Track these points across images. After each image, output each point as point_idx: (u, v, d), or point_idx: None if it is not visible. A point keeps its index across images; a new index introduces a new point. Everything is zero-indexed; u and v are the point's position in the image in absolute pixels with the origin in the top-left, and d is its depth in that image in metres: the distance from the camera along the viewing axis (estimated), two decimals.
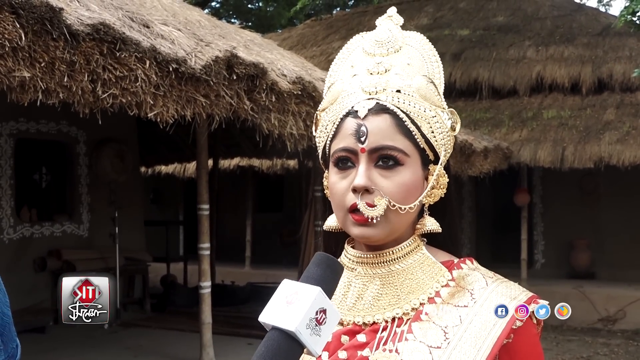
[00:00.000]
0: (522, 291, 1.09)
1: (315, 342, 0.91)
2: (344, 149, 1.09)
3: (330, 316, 0.93)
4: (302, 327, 0.90)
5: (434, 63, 1.16)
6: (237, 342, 7.10)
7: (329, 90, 1.18)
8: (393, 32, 1.16)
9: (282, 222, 12.94)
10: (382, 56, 1.13)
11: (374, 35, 1.17)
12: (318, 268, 0.98)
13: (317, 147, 1.19)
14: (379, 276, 1.12)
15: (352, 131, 1.08)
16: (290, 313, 0.91)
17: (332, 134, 1.12)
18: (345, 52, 1.20)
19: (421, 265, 1.12)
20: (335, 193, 1.10)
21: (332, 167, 1.12)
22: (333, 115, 1.13)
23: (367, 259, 1.13)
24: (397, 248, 1.12)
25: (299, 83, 5.44)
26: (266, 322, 0.93)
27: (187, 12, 6.50)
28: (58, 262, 8.44)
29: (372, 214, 1.06)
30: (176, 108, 4.54)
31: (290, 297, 0.93)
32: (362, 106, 1.09)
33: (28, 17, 3.55)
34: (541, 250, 11.53)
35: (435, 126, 1.11)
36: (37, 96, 3.78)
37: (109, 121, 4.98)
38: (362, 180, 1.06)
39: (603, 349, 8.28)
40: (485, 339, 1.03)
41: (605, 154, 9.32)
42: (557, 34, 11.98)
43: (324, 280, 0.96)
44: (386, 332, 1.07)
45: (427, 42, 1.18)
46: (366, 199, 1.06)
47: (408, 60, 1.13)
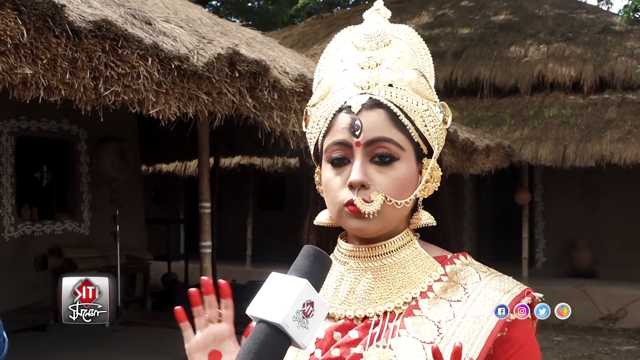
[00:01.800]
0: (515, 284, 1.08)
1: (303, 335, 0.91)
2: (339, 142, 1.08)
3: (318, 309, 0.92)
4: (289, 319, 0.89)
5: (424, 56, 1.15)
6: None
7: (318, 85, 1.16)
8: (382, 25, 1.15)
9: (283, 221, 12.94)
10: (372, 50, 1.12)
11: (363, 29, 1.15)
12: (306, 261, 0.97)
13: (309, 143, 1.18)
14: (371, 270, 1.11)
15: (346, 125, 1.07)
16: (277, 305, 0.91)
17: (324, 129, 1.11)
18: (334, 46, 1.19)
19: (414, 260, 1.11)
20: (331, 189, 1.09)
21: (325, 164, 1.11)
22: (325, 111, 1.12)
23: (360, 252, 1.12)
24: (390, 242, 1.11)
25: (301, 81, 5.43)
26: (253, 315, 0.93)
27: (188, 10, 6.49)
28: (59, 260, 8.44)
29: (368, 210, 1.05)
30: (178, 105, 4.53)
31: (278, 290, 0.93)
32: (355, 101, 1.08)
33: (30, 13, 3.54)
34: (542, 249, 11.52)
35: (428, 120, 1.10)
36: (38, 93, 3.77)
37: (110, 119, 4.97)
38: (358, 176, 1.05)
39: (604, 348, 8.27)
40: (478, 333, 1.02)
41: (607, 152, 9.31)
42: (558, 32, 11.98)
43: (312, 273, 0.95)
44: (378, 327, 1.07)
45: (415, 35, 1.17)
46: (362, 194, 1.05)
47: (398, 54, 1.12)
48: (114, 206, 8.55)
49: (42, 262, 8.48)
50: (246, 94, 4.97)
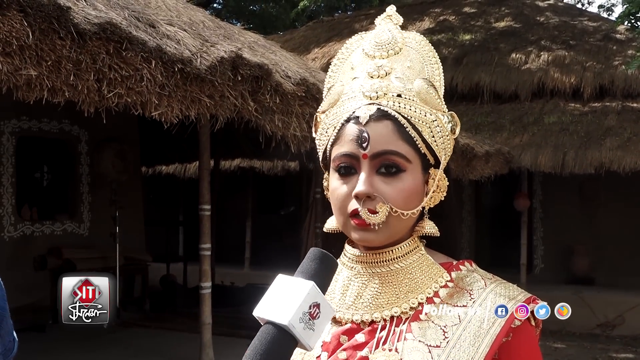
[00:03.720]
0: (520, 292, 1.10)
1: (309, 337, 0.92)
2: (346, 154, 1.09)
3: (324, 311, 0.94)
4: (296, 321, 0.91)
5: (433, 65, 1.15)
6: (237, 343, 7.09)
7: (329, 91, 1.18)
8: (393, 33, 1.16)
9: (282, 224, 12.94)
10: (382, 58, 1.13)
11: (374, 36, 1.16)
12: (312, 263, 0.99)
13: (318, 149, 1.19)
14: (378, 275, 1.12)
15: (354, 137, 1.08)
16: (284, 307, 0.92)
17: (332, 138, 1.12)
18: (345, 52, 1.20)
19: (420, 266, 1.12)
20: (337, 198, 1.10)
21: (333, 172, 1.12)
22: (334, 119, 1.13)
23: (367, 257, 1.13)
24: (396, 248, 1.12)
25: (303, 85, 5.45)
26: (260, 316, 0.94)
27: (191, 13, 6.50)
28: (58, 260, 8.43)
29: (373, 221, 1.06)
30: (180, 108, 4.54)
31: (284, 292, 0.94)
32: (363, 112, 1.08)
33: (35, 15, 3.56)
34: (540, 255, 11.53)
35: (435, 130, 1.11)
36: (42, 95, 3.78)
37: (111, 121, 4.98)
38: (363, 187, 1.06)
39: (602, 355, 8.28)
40: (484, 338, 1.03)
41: (606, 159, 9.32)
42: (559, 39, 12.00)
43: (318, 275, 0.97)
44: (385, 331, 1.08)
45: (427, 43, 1.17)
46: (368, 205, 1.07)
47: (408, 63, 1.13)
48: (114, 207, 8.55)
49: (41, 263, 8.47)
50: (248, 97, 4.98)
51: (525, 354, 1.07)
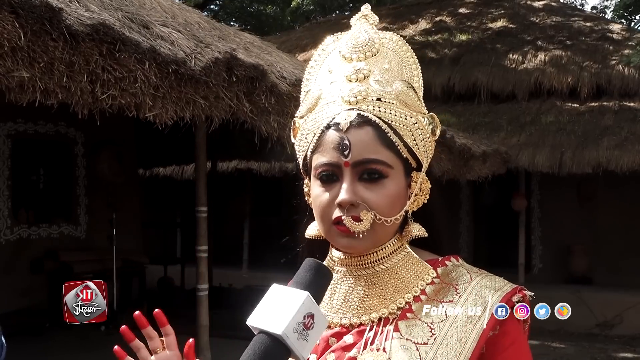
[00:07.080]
0: (505, 283, 1.09)
1: (302, 347, 0.92)
2: (328, 164, 1.07)
3: (318, 321, 0.94)
4: (290, 331, 0.91)
5: (412, 66, 1.14)
6: (234, 345, 7.06)
7: (306, 95, 1.16)
8: (369, 33, 1.14)
9: (280, 226, 12.91)
10: (359, 61, 1.11)
11: (350, 37, 1.15)
12: (307, 273, 0.98)
13: (297, 155, 1.17)
14: (364, 277, 1.11)
15: (335, 144, 1.07)
16: (278, 317, 0.92)
17: (313, 145, 1.10)
18: (322, 54, 1.18)
19: (406, 265, 1.12)
20: (319, 206, 1.09)
21: (314, 179, 1.10)
22: (313, 125, 1.11)
23: (352, 260, 1.12)
24: (381, 248, 1.11)
25: (299, 85, 5.39)
26: (254, 326, 0.94)
27: (186, 14, 6.49)
28: (55, 263, 8.41)
29: (358, 229, 1.05)
30: (175, 109, 4.52)
31: (279, 301, 0.94)
32: (343, 118, 1.07)
33: (27, 16, 3.53)
34: (539, 255, 11.52)
35: (416, 133, 1.10)
36: (35, 96, 3.76)
37: (107, 123, 4.96)
38: (347, 196, 1.05)
39: (600, 355, 8.28)
40: (471, 332, 1.03)
41: (604, 159, 9.32)
42: (556, 39, 12.01)
43: (313, 286, 0.97)
44: (372, 331, 1.08)
45: (404, 44, 1.16)
46: (352, 212, 1.05)
47: (387, 65, 1.11)
48: (111, 209, 8.53)
49: (38, 266, 8.45)
50: (243, 98, 4.96)
51: (512, 347, 1.05)
